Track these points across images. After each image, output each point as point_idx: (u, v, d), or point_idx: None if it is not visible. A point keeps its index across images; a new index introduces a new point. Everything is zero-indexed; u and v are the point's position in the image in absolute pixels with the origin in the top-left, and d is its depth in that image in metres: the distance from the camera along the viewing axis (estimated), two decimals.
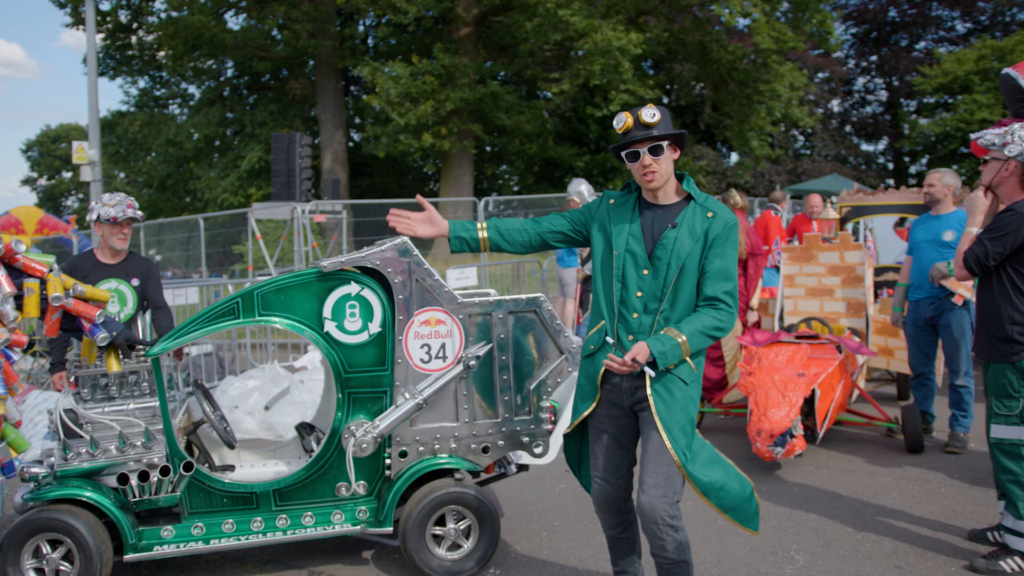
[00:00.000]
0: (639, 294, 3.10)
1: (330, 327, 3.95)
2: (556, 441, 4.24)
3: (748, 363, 5.81)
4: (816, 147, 34.94)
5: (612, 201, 3.25)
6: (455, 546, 4.03)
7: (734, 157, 33.11)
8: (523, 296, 4.08)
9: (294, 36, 24.62)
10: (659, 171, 3.07)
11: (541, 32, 21.43)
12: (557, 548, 4.39)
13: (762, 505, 4.91)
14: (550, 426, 4.16)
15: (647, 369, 2.97)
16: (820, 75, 32.64)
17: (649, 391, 3.06)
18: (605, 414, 3.23)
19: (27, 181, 52.59)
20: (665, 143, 3.06)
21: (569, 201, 7.72)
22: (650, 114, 3.04)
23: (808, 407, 5.49)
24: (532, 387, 4.10)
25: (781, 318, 7.18)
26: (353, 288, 3.96)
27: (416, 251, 3.97)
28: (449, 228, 3.33)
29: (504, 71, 26.42)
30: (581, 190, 7.74)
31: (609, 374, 3.17)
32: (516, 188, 32.02)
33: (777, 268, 8.39)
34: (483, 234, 3.34)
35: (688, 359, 3.04)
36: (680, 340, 2.95)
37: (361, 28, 28.98)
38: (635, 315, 3.10)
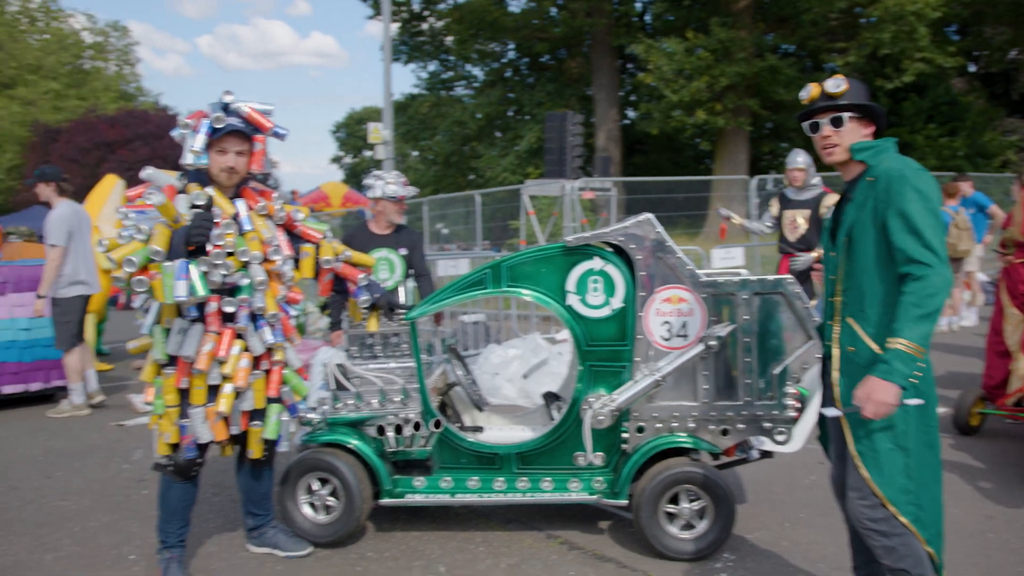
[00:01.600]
0: (832, 277, 3.00)
1: (573, 300, 4.05)
2: (803, 430, 4.06)
3: None
4: None
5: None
6: (688, 526, 4.00)
7: None
8: (770, 277, 3.94)
9: (571, 16, 25.10)
10: (839, 144, 2.93)
11: (825, 0, 20.18)
12: (798, 540, 4.21)
13: None
14: (795, 413, 3.99)
15: (844, 411, 2.83)
16: None
17: (835, 377, 2.93)
18: (827, 398, 3.12)
19: (335, 159, 58.69)
20: (847, 115, 2.91)
21: (790, 175, 7.17)
22: (834, 84, 2.92)
23: None
24: (777, 372, 3.95)
25: None
26: (597, 263, 4.03)
27: (660, 228, 3.96)
28: None
29: (784, 43, 25.18)
30: (799, 161, 7.17)
31: (827, 363, 3.06)
32: None
33: None
34: None
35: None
36: (900, 344, 2.63)
37: (638, 5, 28.92)
38: (830, 299, 3.01)
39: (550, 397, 4.87)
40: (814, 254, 6.86)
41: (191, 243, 3.40)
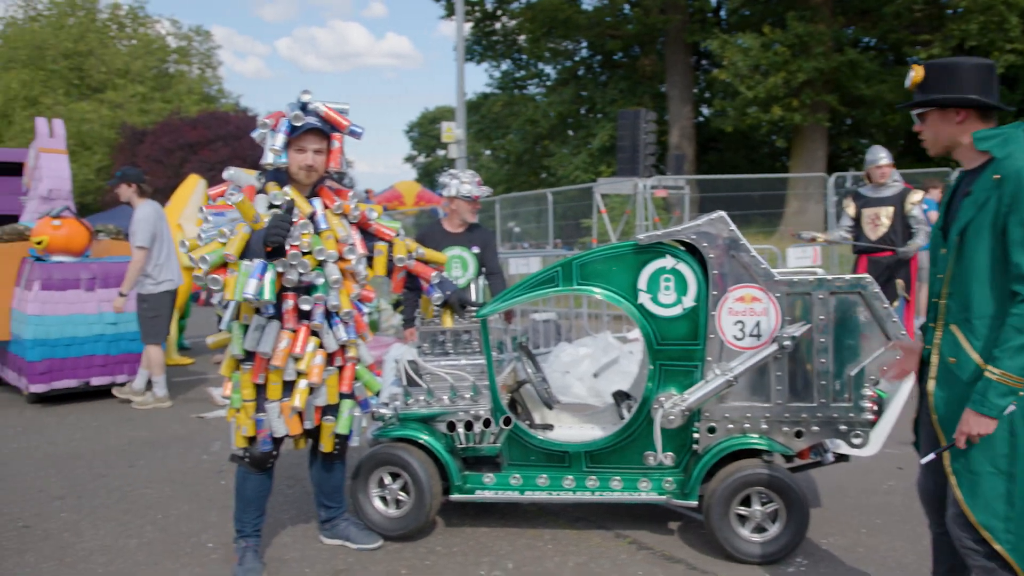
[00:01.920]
0: (940, 276, 2.75)
1: (644, 299, 4.02)
2: (880, 434, 3.95)
3: None
4: None
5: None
6: (760, 528, 3.93)
7: None
8: (847, 276, 3.85)
9: (644, 13, 24.91)
10: (926, 137, 2.79)
11: None
12: (875, 547, 4.10)
13: None
14: (872, 416, 3.88)
15: (939, 452, 2.68)
16: None
17: (931, 386, 2.75)
18: (923, 405, 2.94)
19: (408, 159, 59.66)
20: (916, 112, 2.77)
21: (876, 171, 6.99)
22: (908, 78, 2.78)
23: None
24: (853, 373, 3.85)
25: None
26: (668, 261, 3.99)
27: (733, 226, 3.90)
28: None
29: (865, 37, 24.51)
30: (881, 157, 7.03)
31: (924, 368, 2.87)
32: None
33: None
34: None
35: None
36: (996, 374, 2.47)
37: (713, 1, 28.52)
38: (935, 299, 2.78)
39: (620, 396, 4.84)
40: (914, 246, 6.75)
41: (268, 244, 3.49)
